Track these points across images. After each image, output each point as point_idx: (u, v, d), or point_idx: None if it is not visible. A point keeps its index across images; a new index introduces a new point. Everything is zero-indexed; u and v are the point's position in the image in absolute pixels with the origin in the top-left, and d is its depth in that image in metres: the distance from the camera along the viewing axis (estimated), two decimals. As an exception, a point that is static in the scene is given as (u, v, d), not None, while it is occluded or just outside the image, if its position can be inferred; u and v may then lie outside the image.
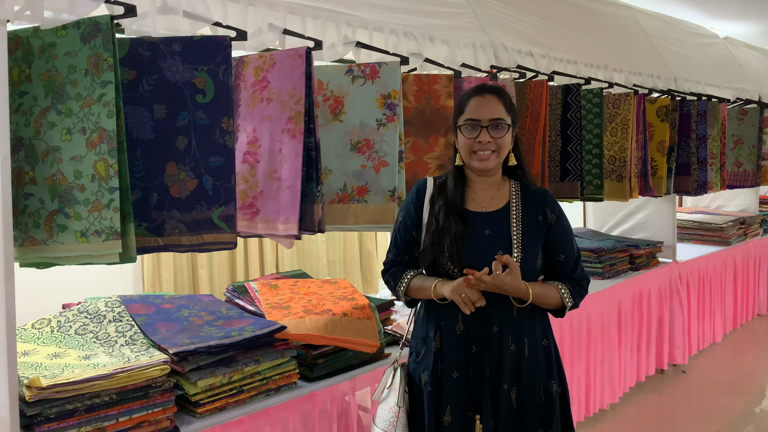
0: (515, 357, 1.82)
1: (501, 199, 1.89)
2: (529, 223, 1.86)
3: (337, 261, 4.07)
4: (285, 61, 2.01)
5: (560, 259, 1.88)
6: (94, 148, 1.69)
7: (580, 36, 3.77)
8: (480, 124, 1.81)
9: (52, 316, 2.05)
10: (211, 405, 1.88)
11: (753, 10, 5.18)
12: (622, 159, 3.54)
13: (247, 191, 2.02)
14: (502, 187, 1.91)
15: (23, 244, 1.77)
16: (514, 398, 1.82)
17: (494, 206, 1.88)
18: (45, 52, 1.74)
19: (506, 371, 1.81)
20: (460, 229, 1.81)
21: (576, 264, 1.89)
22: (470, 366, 1.83)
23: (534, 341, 1.85)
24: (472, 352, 1.83)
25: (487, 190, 1.90)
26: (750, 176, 4.88)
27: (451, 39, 2.78)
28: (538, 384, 1.83)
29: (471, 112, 1.83)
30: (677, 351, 4.29)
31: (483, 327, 1.82)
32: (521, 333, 1.83)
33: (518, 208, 1.87)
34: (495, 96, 1.84)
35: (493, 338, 1.82)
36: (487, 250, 1.81)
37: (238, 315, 2.19)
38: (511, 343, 1.82)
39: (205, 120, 1.90)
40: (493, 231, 1.84)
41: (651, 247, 4.13)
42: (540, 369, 1.84)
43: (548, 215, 1.88)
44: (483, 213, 1.87)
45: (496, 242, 1.82)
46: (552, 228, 1.87)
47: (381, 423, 1.88)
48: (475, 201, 1.89)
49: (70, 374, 1.66)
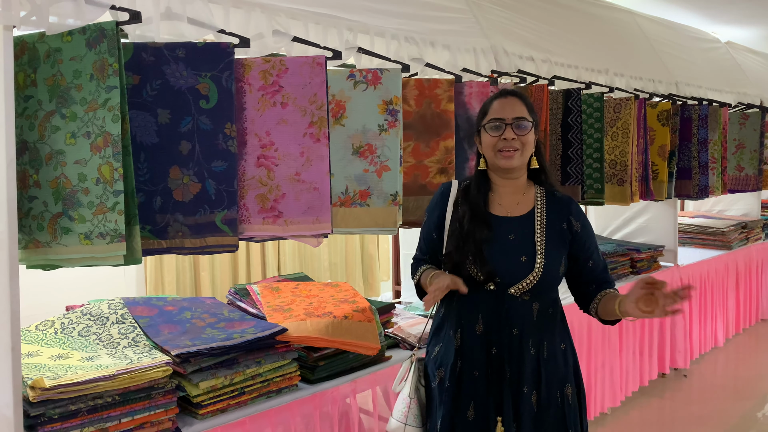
0: (535, 360, 1.83)
1: (526, 204, 1.91)
2: (553, 229, 1.87)
3: (339, 264, 4.09)
4: (302, 67, 2.05)
5: (589, 265, 1.91)
6: (98, 151, 1.72)
7: (581, 40, 3.78)
8: (504, 122, 1.84)
9: (56, 318, 2.07)
10: (213, 406, 1.90)
11: (755, 15, 5.18)
12: (623, 163, 3.56)
13: (266, 194, 2.05)
14: (527, 192, 1.93)
15: (27, 247, 1.79)
16: (535, 402, 1.83)
17: (519, 211, 1.90)
18: (50, 57, 1.76)
19: (527, 374, 1.82)
20: (485, 234, 1.83)
21: (605, 269, 1.94)
22: (490, 367, 1.84)
23: (553, 345, 1.86)
24: (492, 353, 1.84)
25: (513, 195, 1.92)
26: (752, 180, 4.89)
27: (452, 44, 2.80)
28: (555, 387, 1.85)
29: (495, 112, 1.87)
30: (679, 355, 4.30)
31: (504, 329, 1.82)
32: (541, 336, 1.84)
33: (543, 214, 1.89)
34: (517, 98, 1.89)
35: (514, 341, 1.82)
36: (510, 254, 1.83)
37: (239, 317, 2.20)
38: (531, 347, 1.83)
39: (208, 125, 1.93)
40: (518, 236, 1.85)
41: (652, 251, 4.14)
42: (558, 372, 1.86)
43: (573, 223, 1.90)
44: (508, 218, 1.89)
45: (519, 247, 1.84)
46: (578, 236, 1.90)
47: (396, 414, 1.92)
48: (501, 205, 1.91)
49: (74, 375, 1.68)
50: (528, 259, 1.81)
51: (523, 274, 1.80)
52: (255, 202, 2.06)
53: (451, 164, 2.60)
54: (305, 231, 2.07)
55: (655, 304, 1.64)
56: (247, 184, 2.05)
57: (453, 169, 2.60)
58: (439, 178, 2.59)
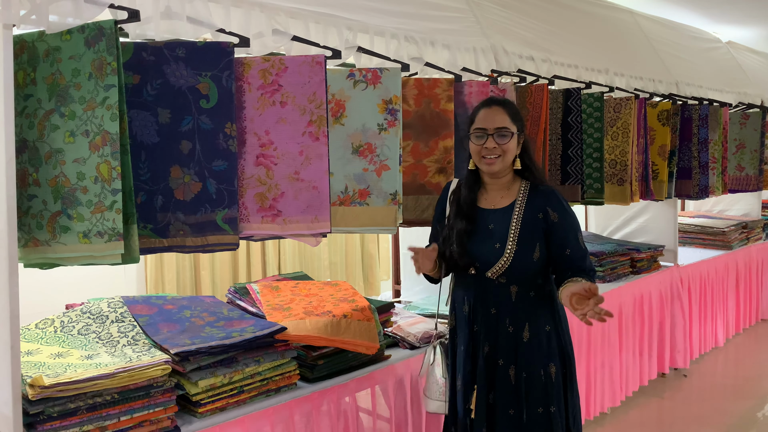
0: (512, 337, 2.04)
1: (509, 197, 2.10)
2: (528, 219, 2.05)
3: (339, 263, 4.09)
4: (301, 67, 2.05)
5: (566, 253, 2.05)
6: (97, 150, 1.72)
7: (581, 40, 3.78)
8: (486, 132, 2.04)
9: (56, 317, 2.08)
10: (212, 405, 1.90)
11: (756, 15, 5.17)
12: (623, 163, 3.56)
13: (265, 194, 2.05)
14: (512, 187, 2.12)
15: (26, 245, 1.80)
16: (513, 375, 2.03)
17: (502, 204, 2.10)
18: (50, 55, 1.77)
19: (502, 349, 2.05)
20: (464, 226, 2.06)
21: (584, 257, 2.06)
22: (471, 342, 2.08)
23: (536, 326, 2.04)
24: (474, 330, 2.09)
25: (498, 190, 2.12)
26: (752, 180, 4.88)
27: (451, 43, 2.80)
28: (537, 365, 2.03)
29: (479, 122, 2.06)
30: (678, 355, 4.29)
31: (483, 309, 2.07)
32: (521, 317, 2.04)
33: (522, 206, 2.07)
34: (501, 107, 2.07)
35: (491, 318, 2.06)
36: (486, 242, 2.05)
37: (239, 316, 2.21)
38: (508, 325, 2.04)
39: (208, 125, 1.93)
40: (496, 226, 2.06)
41: (652, 250, 4.14)
42: (540, 352, 2.03)
43: (550, 213, 2.05)
44: (491, 210, 2.10)
45: (495, 236, 2.05)
46: (554, 225, 2.05)
47: (433, 394, 2.16)
48: (487, 199, 2.13)
49: (73, 373, 1.69)
50: (500, 246, 2.03)
51: (495, 259, 2.02)
52: (254, 200, 2.06)
53: (450, 164, 2.60)
54: (304, 230, 2.09)
55: (582, 307, 1.85)
56: (246, 183, 2.06)
57: (452, 168, 2.60)
58: (437, 177, 2.59)
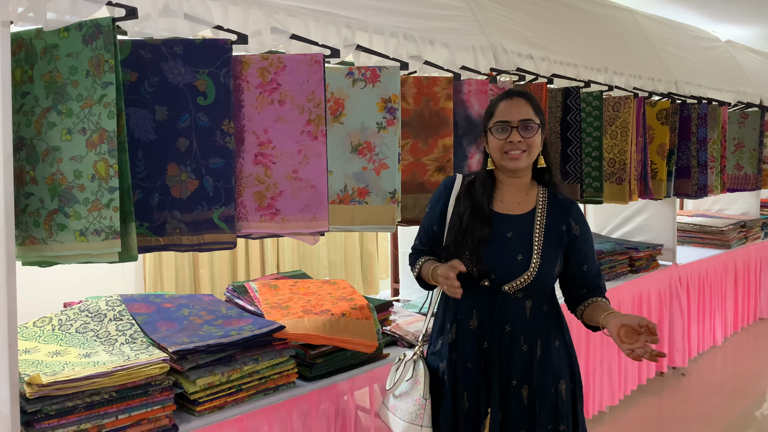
0: (527, 356, 1.86)
1: (528, 203, 1.92)
2: (552, 230, 1.89)
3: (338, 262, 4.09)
4: (299, 65, 2.04)
5: (584, 269, 1.92)
6: (94, 148, 1.71)
7: (581, 39, 3.78)
8: (510, 125, 1.85)
9: (54, 315, 2.07)
10: (210, 403, 1.90)
11: (755, 14, 5.18)
12: (622, 162, 3.55)
13: (264, 192, 2.05)
14: (530, 192, 1.95)
15: (23, 243, 1.79)
16: (526, 395, 1.86)
17: (521, 210, 1.91)
18: (47, 53, 1.76)
19: (516, 369, 1.86)
20: (484, 233, 1.85)
21: (599, 274, 1.95)
22: (482, 360, 1.88)
23: (547, 342, 1.88)
24: (483, 347, 1.88)
25: (516, 194, 1.93)
26: (751, 180, 4.89)
27: (450, 42, 2.80)
28: (549, 383, 1.86)
29: (501, 114, 1.88)
30: (677, 354, 4.30)
31: (496, 325, 1.86)
32: (534, 333, 1.87)
33: (543, 214, 1.90)
34: (523, 99, 1.90)
35: (505, 336, 1.86)
36: (506, 252, 1.86)
37: (237, 314, 2.21)
38: (523, 343, 1.86)
39: (206, 122, 1.93)
40: (516, 234, 1.88)
41: (651, 249, 4.14)
42: (552, 369, 1.87)
43: (572, 226, 1.92)
44: (508, 215, 1.91)
45: (516, 246, 1.86)
46: (576, 239, 1.91)
47: (406, 416, 1.90)
48: (503, 203, 1.93)
49: (71, 372, 1.68)
50: (524, 258, 1.84)
51: (517, 272, 1.83)
52: (252, 199, 2.06)
53: (449, 162, 2.60)
54: (302, 228, 2.08)
55: (632, 341, 1.69)
56: (244, 182, 2.05)
57: (451, 167, 2.60)
58: (437, 176, 2.59)
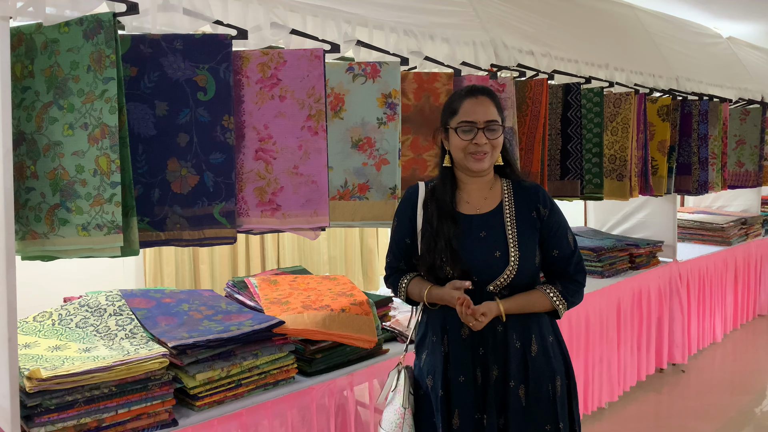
0: (521, 354, 1.83)
1: (494, 199, 1.89)
2: (522, 219, 1.86)
3: (338, 257, 4.09)
4: (300, 60, 2.04)
5: (554, 254, 1.87)
6: (96, 143, 1.72)
7: (581, 35, 3.77)
8: (476, 126, 1.81)
9: (54, 310, 2.08)
10: (210, 398, 1.90)
11: (757, 10, 5.16)
12: (623, 158, 3.55)
13: (265, 188, 2.05)
14: (494, 186, 1.91)
15: (24, 238, 1.80)
16: (523, 396, 1.82)
17: (488, 207, 1.88)
18: (48, 48, 1.76)
19: (513, 370, 1.81)
20: (452, 230, 1.82)
21: (569, 259, 1.88)
22: (477, 368, 1.83)
23: (541, 338, 1.85)
24: (479, 353, 1.83)
25: (480, 191, 1.90)
26: (752, 176, 4.88)
27: (451, 37, 2.79)
28: (545, 381, 1.84)
29: (466, 114, 1.83)
30: (677, 350, 4.30)
31: (487, 328, 1.80)
32: (527, 330, 1.83)
33: (511, 206, 1.87)
34: (488, 97, 1.85)
35: (498, 337, 1.82)
36: (483, 251, 1.82)
37: (237, 310, 2.21)
38: (516, 341, 1.82)
39: (206, 117, 1.93)
40: (489, 232, 1.84)
41: (651, 246, 4.14)
42: (548, 366, 1.85)
43: (541, 210, 1.87)
44: (477, 215, 1.87)
45: (492, 243, 1.82)
46: (545, 223, 1.87)
47: (387, 425, 1.87)
48: (469, 203, 1.89)
49: (70, 366, 1.69)
50: (502, 254, 1.80)
51: (499, 269, 1.79)
52: (253, 195, 2.06)
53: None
54: (303, 224, 2.09)
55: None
56: (245, 177, 2.05)
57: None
58: (437, 172, 2.58)
